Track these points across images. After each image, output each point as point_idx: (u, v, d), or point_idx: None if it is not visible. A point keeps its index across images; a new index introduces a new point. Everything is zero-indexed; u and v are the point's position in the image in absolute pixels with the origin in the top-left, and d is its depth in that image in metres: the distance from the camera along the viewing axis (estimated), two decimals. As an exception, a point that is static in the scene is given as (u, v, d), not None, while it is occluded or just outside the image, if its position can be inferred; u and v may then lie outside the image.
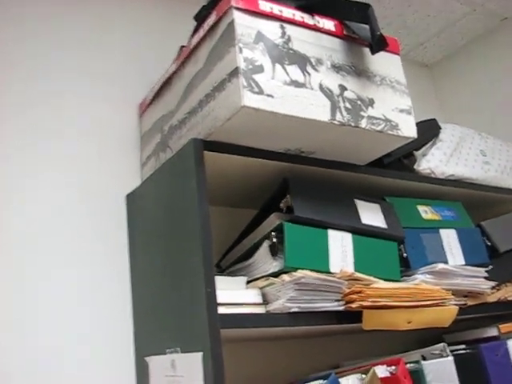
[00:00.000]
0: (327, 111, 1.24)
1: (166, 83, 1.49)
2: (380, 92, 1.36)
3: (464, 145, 1.85)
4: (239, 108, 1.13)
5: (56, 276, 1.40)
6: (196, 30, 1.38)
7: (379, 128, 1.32)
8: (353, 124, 1.27)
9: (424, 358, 1.50)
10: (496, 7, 2.22)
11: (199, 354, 1.13)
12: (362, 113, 1.30)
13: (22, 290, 1.35)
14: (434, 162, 1.71)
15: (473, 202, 1.87)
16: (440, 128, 1.80)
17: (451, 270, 1.51)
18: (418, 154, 1.71)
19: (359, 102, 1.30)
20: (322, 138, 1.31)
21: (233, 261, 1.47)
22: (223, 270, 1.50)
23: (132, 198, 1.52)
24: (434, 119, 1.81)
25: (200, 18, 1.41)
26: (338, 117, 1.25)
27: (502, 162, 1.94)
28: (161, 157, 1.46)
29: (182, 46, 1.48)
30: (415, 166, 1.69)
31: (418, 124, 1.67)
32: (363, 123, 1.29)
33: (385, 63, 1.41)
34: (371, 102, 1.33)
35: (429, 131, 1.76)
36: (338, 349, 1.71)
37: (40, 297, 1.37)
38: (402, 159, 1.71)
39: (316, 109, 1.22)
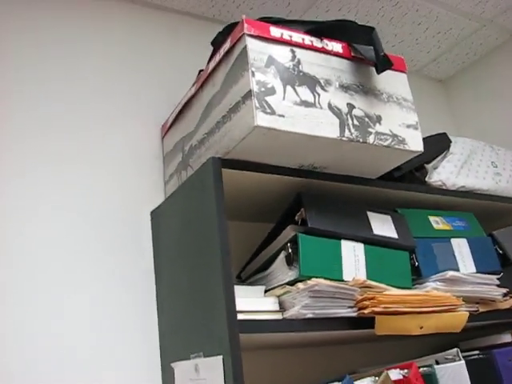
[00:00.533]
0: (336, 128, 1.32)
1: (186, 106, 1.58)
2: (387, 109, 1.44)
3: (475, 157, 1.91)
4: (253, 128, 1.22)
5: (84, 289, 1.50)
6: (213, 55, 1.48)
7: (386, 143, 1.40)
8: (361, 140, 1.35)
9: (437, 363, 1.56)
10: (505, 22, 2.29)
11: (220, 358, 1.21)
12: (370, 129, 1.38)
13: (48, 307, 1.44)
14: (444, 174, 1.78)
15: (485, 213, 1.93)
16: (450, 141, 1.87)
17: (461, 277, 1.57)
18: (429, 166, 1.77)
19: (367, 119, 1.38)
20: (333, 153, 1.39)
21: (252, 272, 1.55)
22: (244, 281, 1.58)
23: (156, 215, 1.62)
24: (445, 133, 1.87)
25: (216, 43, 1.51)
26: (347, 133, 1.33)
27: (514, 173, 2.00)
28: (182, 175, 1.55)
29: (201, 70, 1.58)
30: (426, 179, 1.76)
31: (428, 138, 1.75)
32: (371, 139, 1.37)
33: (391, 81, 1.48)
34: (379, 119, 1.41)
35: (439, 145, 1.83)
36: (354, 357, 1.77)
37: (68, 310, 1.46)
38: (413, 172, 1.78)
39: (325, 126, 1.30)
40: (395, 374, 1.40)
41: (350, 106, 1.37)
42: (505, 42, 2.45)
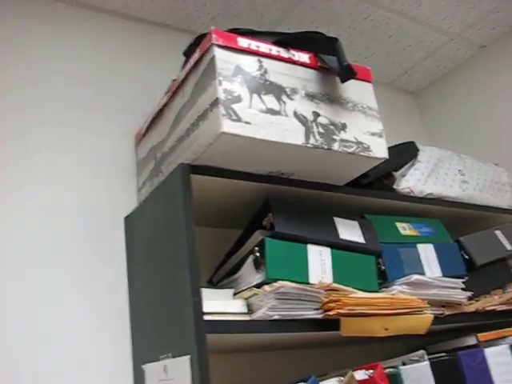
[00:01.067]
0: (301, 136, 1.36)
1: (159, 114, 1.62)
2: (352, 117, 1.49)
3: (442, 165, 1.96)
4: (219, 134, 1.26)
5: (57, 294, 1.53)
6: (184, 65, 1.52)
7: (351, 150, 1.44)
8: (326, 147, 1.40)
9: (404, 364, 1.60)
10: (472, 37, 2.36)
11: (187, 358, 1.24)
12: (335, 136, 1.42)
13: (23, 312, 1.47)
14: (412, 181, 1.83)
15: (452, 220, 1.98)
16: (418, 150, 1.92)
17: (426, 280, 1.61)
18: (397, 174, 1.82)
19: (332, 127, 1.43)
20: (299, 160, 1.43)
21: (223, 276, 1.58)
22: (215, 285, 1.61)
23: (129, 221, 1.65)
24: (413, 142, 1.93)
25: (188, 53, 1.55)
26: (312, 140, 1.38)
27: (481, 181, 2.05)
28: (154, 181, 1.59)
29: (174, 80, 1.62)
30: (395, 186, 1.81)
31: (396, 146, 1.80)
32: (336, 146, 1.41)
33: (357, 90, 1.53)
34: (343, 127, 1.45)
35: (407, 153, 1.88)
36: (322, 360, 1.78)
37: (40, 314, 1.49)
38: (382, 180, 1.83)
39: (290, 134, 1.35)
40: (361, 374, 1.43)
41: (316, 114, 1.41)
42: (473, 55, 2.52)
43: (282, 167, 1.46)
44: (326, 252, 1.48)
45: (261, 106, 1.33)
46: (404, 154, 1.86)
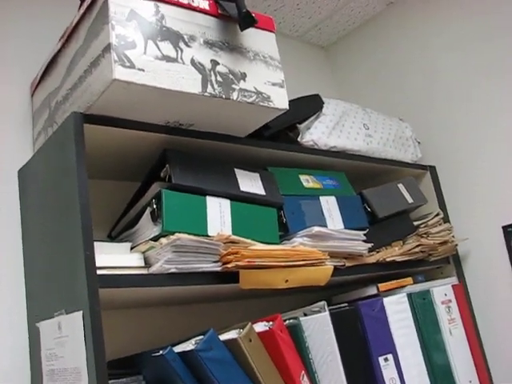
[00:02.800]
0: (198, 84, 1.32)
1: (53, 62, 1.54)
2: (253, 66, 1.45)
3: (347, 118, 1.97)
4: (111, 81, 1.20)
5: None
6: (79, 9, 1.44)
7: (251, 100, 1.41)
8: (224, 96, 1.36)
9: (305, 315, 1.62)
10: (380, -9, 2.36)
11: (79, 313, 1.20)
12: (234, 86, 1.39)
13: None
14: (316, 134, 1.82)
15: (356, 173, 2.00)
16: (323, 102, 1.91)
17: (327, 232, 1.63)
18: (301, 127, 1.81)
19: (231, 76, 1.39)
20: (197, 110, 1.39)
21: (121, 230, 1.54)
22: (114, 239, 1.57)
23: (23, 173, 1.57)
24: (318, 94, 1.91)
25: (82, -3, 1.47)
26: (209, 89, 1.34)
27: (385, 135, 2.07)
28: (49, 132, 1.52)
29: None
30: (299, 139, 1.80)
31: (300, 98, 1.79)
32: (234, 95, 1.38)
33: (259, 40, 1.50)
34: (243, 76, 1.42)
35: (311, 105, 1.87)
36: (224, 315, 1.79)
37: None
38: (287, 133, 1.82)
39: (187, 82, 1.30)
40: (260, 326, 1.44)
41: (214, 63, 1.37)
42: (381, 11, 2.53)
43: (180, 118, 1.42)
44: (226, 204, 1.46)
45: (156, 53, 1.28)
46: (308, 106, 1.85)
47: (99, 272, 1.21)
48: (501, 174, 2.12)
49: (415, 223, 2.00)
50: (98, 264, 1.21)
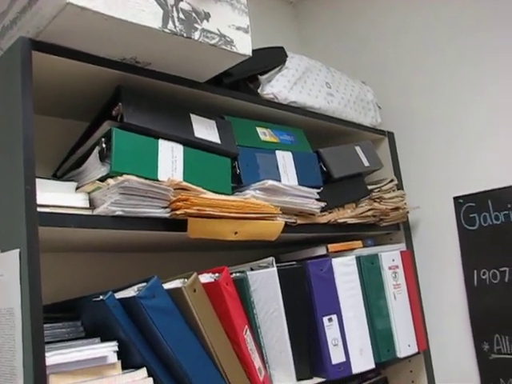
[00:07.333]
0: (158, 19, 1.25)
1: (1, -18, 1.44)
2: (218, 7, 1.38)
3: (310, 75, 1.92)
4: (64, 5, 1.11)
5: None
6: None
7: (213, 42, 1.35)
8: (185, 35, 1.29)
9: (252, 270, 1.60)
10: None
11: (16, 251, 1.13)
12: (196, 25, 1.32)
13: None
14: (277, 87, 1.77)
15: (315, 132, 1.96)
16: (287, 56, 1.85)
17: (281, 187, 1.59)
18: (262, 78, 1.76)
19: (194, 15, 1.32)
20: (156, 47, 1.32)
21: (68, 169, 1.47)
22: (59, 178, 1.49)
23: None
24: (282, 47, 1.85)
25: None
26: (170, 26, 1.27)
27: (346, 96, 2.04)
28: (-5, 60, 1.42)
29: None
30: (259, 90, 1.74)
31: (264, 49, 1.73)
32: (196, 35, 1.31)
33: (226, -20, 1.43)
34: (207, 16, 1.35)
35: (275, 57, 1.81)
36: (171, 265, 1.71)
37: None
38: (247, 83, 1.76)
39: (147, 15, 1.22)
40: (206, 277, 1.41)
41: (177, -1, 1.30)
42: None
43: (138, 54, 1.34)
44: (179, 149, 1.40)
45: (116, -19, 1.20)
46: (272, 57, 1.79)
47: (40, 210, 1.14)
48: (455, 145, 2.12)
49: (369, 187, 1.98)
50: (39, 201, 1.14)
